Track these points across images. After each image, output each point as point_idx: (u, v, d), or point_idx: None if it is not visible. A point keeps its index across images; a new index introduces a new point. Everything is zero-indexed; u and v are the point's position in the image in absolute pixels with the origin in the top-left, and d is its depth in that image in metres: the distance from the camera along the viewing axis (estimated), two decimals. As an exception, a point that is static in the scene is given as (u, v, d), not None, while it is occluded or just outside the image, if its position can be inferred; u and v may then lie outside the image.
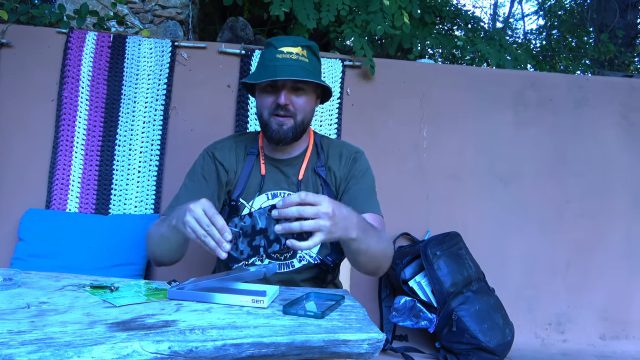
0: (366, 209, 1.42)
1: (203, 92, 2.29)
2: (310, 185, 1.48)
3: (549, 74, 2.71)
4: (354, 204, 1.44)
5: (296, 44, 1.39)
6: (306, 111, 1.43)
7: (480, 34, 4.08)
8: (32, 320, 0.91)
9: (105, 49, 2.26)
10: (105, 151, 2.21)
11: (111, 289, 1.16)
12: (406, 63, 2.54)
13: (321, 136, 1.57)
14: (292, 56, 1.37)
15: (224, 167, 1.49)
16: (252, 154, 1.51)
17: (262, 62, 1.42)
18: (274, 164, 1.50)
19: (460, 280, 2.06)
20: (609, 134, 2.47)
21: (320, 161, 1.50)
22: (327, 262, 1.46)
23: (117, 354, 0.79)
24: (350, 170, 1.49)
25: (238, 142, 1.55)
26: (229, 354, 0.84)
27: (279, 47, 1.38)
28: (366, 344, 0.91)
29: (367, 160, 1.54)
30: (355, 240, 1.17)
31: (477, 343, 1.96)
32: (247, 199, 1.45)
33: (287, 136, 1.41)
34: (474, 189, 2.39)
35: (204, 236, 1.09)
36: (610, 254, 2.40)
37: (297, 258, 1.46)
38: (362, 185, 1.48)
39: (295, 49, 1.38)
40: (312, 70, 1.40)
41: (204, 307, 1.05)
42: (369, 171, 1.52)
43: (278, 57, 1.36)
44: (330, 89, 1.48)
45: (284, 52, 1.37)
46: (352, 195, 1.45)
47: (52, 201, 2.14)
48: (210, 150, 1.53)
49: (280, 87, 1.38)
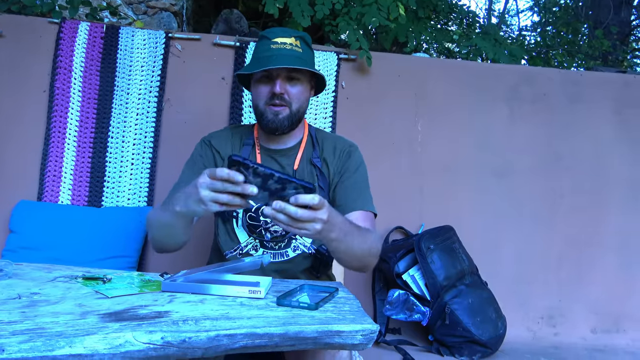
0: (358, 205, 1.42)
1: (197, 84, 2.28)
2: (305, 175, 1.48)
3: (543, 69, 2.72)
4: (345, 198, 1.44)
5: (289, 34, 1.40)
6: (301, 100, 1.43)
7: (476, 29, 4.08)
8: (23, 311, 0.90)
9: (98, 39, 2.23)
10: (98, 143, 2.19)
11: (104, 281, 1.15)
12: (401, 57, 2.53)
13: (315, 129, 1.58)
14: (286, 46, 1.38)
15: (220, 154, 1.50)
16: (247, 144, 1.51)
17: (255, 54, 1.43)
18: (269, 154, 1.50)
19: (454, 274, 2.07)
20: (603, 129, 2.48)
21: (316, 152, 1.51)
22: (322, 250, 1.47)
23: (109, 344, 0.78)
24: (344, 164, 1.49)
25: (234, 132, 1.56)
26: (222, 345, 0.84)
27: (272, 38, 1.39)
28: (360, 334, 0.91)
29: (361, 155, 1.54)
30: (334, 241, 1.16)
31: (470, 336, 1.97)
32: None
33: (283, 125, 1.41)
34: (468, 183, 2.39)
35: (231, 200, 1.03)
36: (602, 248, 2.42)
37: (291, 248, 1.46)
38: (355, 179, 1.48)
39: (289, 39, 1.39)
40: (306, 60, 1.40)
41: (197, 298, 1.04)
42: (362, 165, 1.52)
43: (272, 48, 1.37)
44: (325, 79, 1.49)
45: (278, 43, 1.38)
46: (345, 189, 1.46)
47: (44, 193, 2.12)
48: (207, 139, 1.54)
49: (275, 77, 1.39)
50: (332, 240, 1.16)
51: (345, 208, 1.42)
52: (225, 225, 1.48)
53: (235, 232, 1.47)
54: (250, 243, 1.46)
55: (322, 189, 1.47)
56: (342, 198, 1.45)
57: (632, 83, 2.52)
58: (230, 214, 1.45)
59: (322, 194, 1.47)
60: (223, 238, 1.49)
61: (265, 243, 1.46)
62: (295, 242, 1.46)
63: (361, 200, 1.45)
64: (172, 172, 2.19)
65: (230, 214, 1.45)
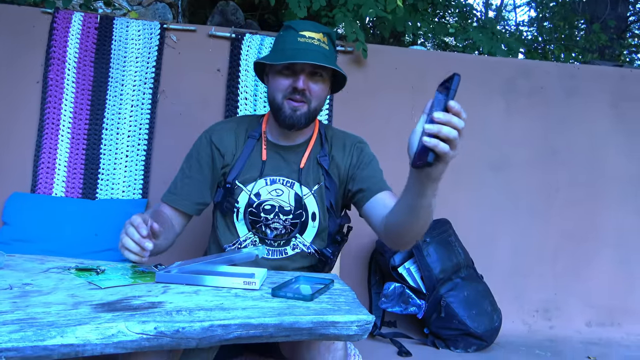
0: (385, 186, 1.42)
1: (192, 75, 2.26)
2: (311, 174, 1.46)
3: (540, 62, 2.71)
4: (369, 182, 1.42)
5: (317, 29, 1.36)
6: (321, 98, 1.40)
7: (473, 23, 4.07)
8: (14, 301, 0.88)
9: (92, 30, 2.21)
10: (92, 135, 2.17)
11: (97, 272, 1.14)
12: (398, 49, 2.52)
13: (325, 125, 1.55)
14: (314, 41, 1.34)
15: (219, 151, 1.46)
16: (252, 137, 1.47)
17: (281, 45, 1.37)
18: (275, 150, 1.47)
19: (450, 267, 2.07)
20: (599, 123, 2.48)
21: (324, 150, 1.48)
22: (326, 253, 1.45)
23: (101, 334, 0.77)
24: (358, 158, 1.48)
25: (240, 123, 1.51)
26: (216, 335, 0.83)
27: (300, 30, 1.35)
28: (355, 325, 0.90)
29: (371, 150, 1.54)
30: (436, 182, 1.07)
31: (465, 329, 1.98)
32: (244, 183, 1.44)
33: (300, 122, 1.38)
34: (464, 177, 2.38)
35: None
36: (598, 242, 2.43)
37: (290, 246, 1.46)
38: (372, 167, 1.47)
39: (317, 35, 1.35)
40: (332, 59, 1.38)
41: (191, 289, 1.03)
42: (375, 158, 1.52)
43: (300, 41, 1.33)
44: (346, 80, 1.45)
45: (306, 37, 1.34)
46: (366, 177, 1.44)
47: (38, 185, 2.10)
48: (208, 134, 1.49)
49: (298, 71, 1.34)
50: (437, 180, 1.06)
51: (372, 191, 1.40)
52: (225, 218, 1.46)
53: (235, 225, 1.45)
54: (250, 238, 1.45)
55: (328, 189, 1.46)
56: (366, 183, 1.43)
57: (629, 76, 2.52)
58: (230, 207, 1.43)
59: (327, 194, 1.46)
60: (222, 231, 1.47)
61: (267, 240, 1.45)
62: (294, 241, 1.45)
63: (383, 183, 1.44)
64: (167, 164, 2.18)
65: (229, 208, 1.43)
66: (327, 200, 1.45)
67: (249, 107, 2.25)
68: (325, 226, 1.47)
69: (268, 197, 1.42)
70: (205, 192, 1.46)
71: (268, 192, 1.43)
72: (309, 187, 1.44)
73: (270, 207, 1.42)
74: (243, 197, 1.43)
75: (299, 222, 1.43)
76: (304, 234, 1.45)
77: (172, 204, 1.45)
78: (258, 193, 1.42)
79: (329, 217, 1.47)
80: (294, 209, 1.42)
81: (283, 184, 1.44)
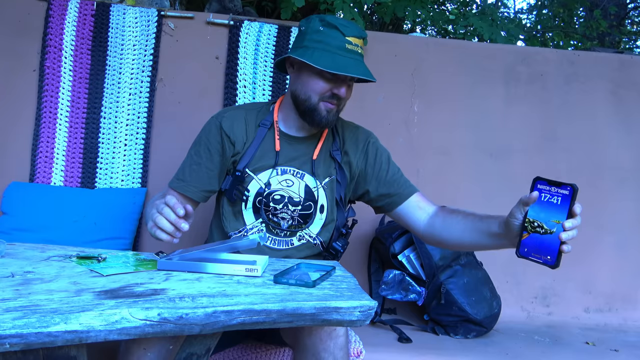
0: (413, 189, 1.49)
1: (190, 63, 2.24)
2: (322, 166, 1.46)
3: (540, 49, 2.70)
4: (398, 187, 1.48)
5: (359, 34, 1.36)
6: (348, 100, 1.43)
7: (473, 10, 4.04)
8: (16, 289, 0.88)
9: (89, 17, 2.18)
10: (90, 123, 2.16)
11: (98, 260, 1.14)
12: (397, 36, 2.50)
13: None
14: (358, 49, 1.35)
15: (229, 139, 1.44)
16: (264, 125, 1.46)
17: (325, 45, 1.33)
18: (288, 141, 1.46)
19: (449, 254, 2.07)
20: (599, 110, 2.47)
21: (336, 144, 1.49)
22: (336, 247, 1.48)
23: (105, 321, 0.77)
24: (375, 158, 1.50)
25: (249, 111, 1.49)
26: (219, 321, 0.84)
27: (347, 34, 1.33)
28: (358, 311, 0.90)
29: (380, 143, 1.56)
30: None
31: (465, 315, 1.99)
32: (255, 172, 1.43)
33: (332, 122, 1.41)
34: (464, 164, 2.38)
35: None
36: (597, 229, 2.43)
37: (296, 237, 1.46)
38: (393, 168, 1.52)
39: (359, 41, 1.36)
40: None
41: (193, 276, 1.03)
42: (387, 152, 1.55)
43: (348, 48, 1.33)
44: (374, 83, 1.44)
45: (352, 44, 1.34)
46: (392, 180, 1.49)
47: (36, 174, 2.09)
48: (218, 120, 1.46)
49: (341, 79, 1.35)
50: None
51: (403, 195, 1.46)
52: (233, 206, 1.46)
53: (242, 213, 1.44)
54: (256, 227, 1.45)
55: (339, 183, 1.47)
56: (394, 187, 1.48)
57: (629, 63, 2.51)
58: (240, 196, 1.42)
59: (338, 187, 1.47)
60: (228, 218, 1.46)
61: (279, 232, 1.45)
62: (301, 232, 1.46)
63: (409, 184, 1.50)
64: (166, 153, 2.18)
65: (239, 196, 1.42)
66: (337, 194, 1.46)
67: (247, 94, 2.23)
68: (332, 219, 1.48)
69: (278, 187, 1.43)
70: (213, 180, 1.46)
71: (278, 182, 1.43)
72: (320, 180, 1.45)
73: (280, 197, 1.43)
74: (254, 186, 1.42)
75: (306, 213, 1.44)
76: (311, 225, 1.45)
77: (180, 191, 1.44)
78: (268, 182, 1.42)
79: (338, 210, 1.48)
80: (303, 201, 1.43)
81: (293, 174, 1.44)
